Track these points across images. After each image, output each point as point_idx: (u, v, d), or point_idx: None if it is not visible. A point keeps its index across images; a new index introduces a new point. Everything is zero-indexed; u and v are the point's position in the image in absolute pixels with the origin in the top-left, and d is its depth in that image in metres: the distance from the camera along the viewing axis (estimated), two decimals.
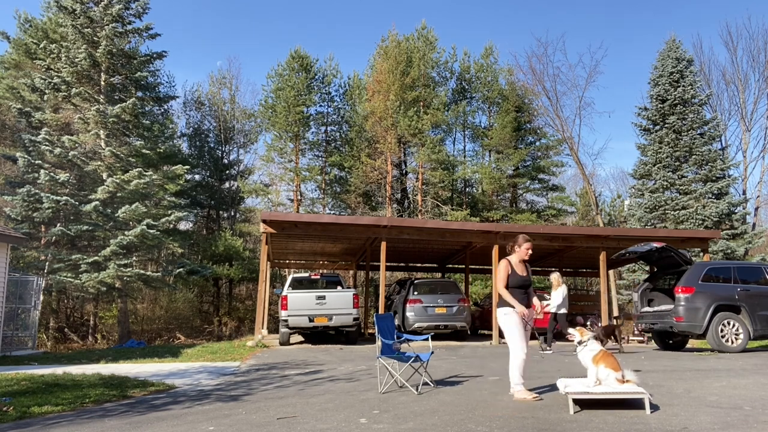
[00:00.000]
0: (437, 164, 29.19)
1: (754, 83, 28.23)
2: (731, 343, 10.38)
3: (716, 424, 4.37)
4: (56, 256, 19.24)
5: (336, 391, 6.69)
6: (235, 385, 7.63)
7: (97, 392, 6.99)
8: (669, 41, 24.84)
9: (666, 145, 23.61)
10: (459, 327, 14.68)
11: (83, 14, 21.10)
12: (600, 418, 4.59)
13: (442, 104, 30.23)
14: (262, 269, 14.71)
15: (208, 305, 30.03)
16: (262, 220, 14.11)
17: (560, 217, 32.74)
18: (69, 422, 5.55)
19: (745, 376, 7.06)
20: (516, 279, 5.79)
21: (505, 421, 4.61)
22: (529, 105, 31.87)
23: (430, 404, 5.51)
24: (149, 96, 24.06)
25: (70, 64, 20.41)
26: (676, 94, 23.61)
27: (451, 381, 7.11)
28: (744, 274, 11.29)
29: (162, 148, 23.39)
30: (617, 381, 5.05)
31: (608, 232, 16.48)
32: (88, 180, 20.42)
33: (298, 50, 31.08)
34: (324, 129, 32.75)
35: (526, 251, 5.90)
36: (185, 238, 26.00)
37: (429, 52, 31.18)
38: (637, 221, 23.85)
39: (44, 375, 8.47)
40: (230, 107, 33.23)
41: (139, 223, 19.38)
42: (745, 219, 24.10)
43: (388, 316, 7.45)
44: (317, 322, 13.40)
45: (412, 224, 16.38)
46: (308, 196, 32.76)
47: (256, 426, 4.91)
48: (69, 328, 22.56)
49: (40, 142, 19.37)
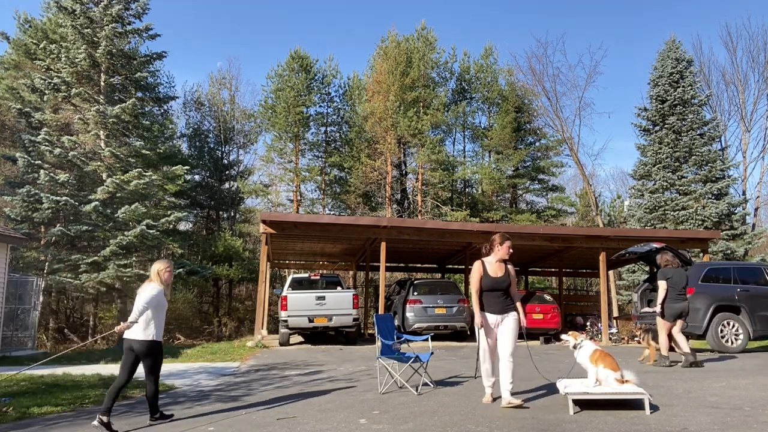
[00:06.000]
0: (437, 165, 29.19)
1: (754, 84, 28.29)
2: (731, 343, 10.38)
3: (716, 424, 4.37)
4: (56, 256, 19.22)
5: (336, 392, 6.69)
6: (235, 385, 7.63)
7: (96, 393, 7.00)
8: (669, 42, 24.87)
9: (666, 145, 23.62)
10: (459, 327, 14.68)
11: (83, 14, 21.09)
12: (600, 419, 4.59)
13: (441, 105, 30.22)
14: (262, 270, 14.71)
15: (207, 306, 30.02)
16: (262, 220, 14.11)
17: (560, 218, 32.73)
18: (69, 422, 5.55)
19: (745, 376, 7.06)
20: (488, 281, 5.47)
21: (504, 422, 4.61)
22: (529, 105, 31.88)
23: (429, 405, 5.51)
24: (149, 96, 24.04)
25: (70, 65, 20.40)
26: (676, 94, 23.62)
27: (450, 381, 7.11)
28: (744, 275, 11.30)
29: (162, 148, 23.36)
30: (617, 381, 5.05)
31: (608, 233, 16.48)
32: (87, 180, 20.41)
33: (297, 51, 31.09)
34: (324, 129, 32.75)
35: (507, 249, 5.54)
36: (185, 238, 25.99)
37: (429, 53, 31.17)
38: (636, 222, 23.86)
39: (44, 375, 8.47)
40: (230, 108, 33.22)
41: (139, 224, 19.36)
42: (744, 219, 24.11)
43: (388, 317, 7.46)
44: (317, 322, 13.40)
45: (411, 225, 16.38)
46: (308, 197, 32.78)
47: (256, 426, 4.91)
48: (69, 329, 22.52)
49: (39, 142, 19.36)
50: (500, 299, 5.47)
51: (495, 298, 5.47)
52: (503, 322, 5.43)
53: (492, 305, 5.46)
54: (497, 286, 5.47)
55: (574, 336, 5.54)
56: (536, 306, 15.65)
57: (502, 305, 5.45)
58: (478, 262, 5.63)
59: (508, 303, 5.49)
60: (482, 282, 5.50)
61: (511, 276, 5.57)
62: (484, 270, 5.53)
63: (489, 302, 5.48)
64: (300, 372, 8.73)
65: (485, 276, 5.50)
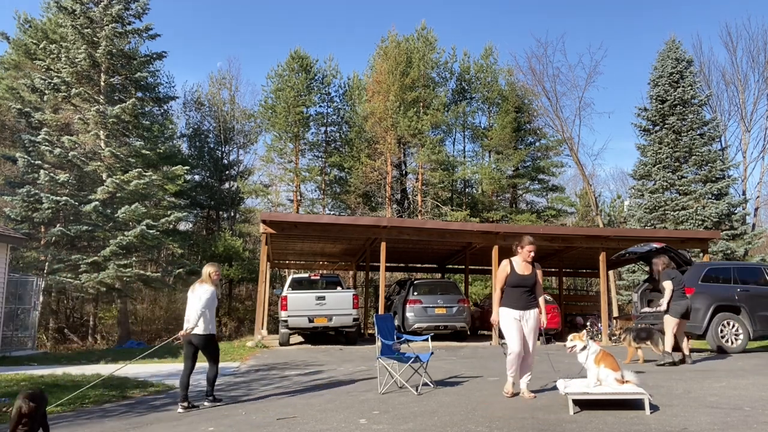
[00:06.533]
0: (437, 165, 29.18)
1: (754, 84, 28.26)
2: (731, 343, 10.37)
3: (716, 424, 4.37)
4: (56, 256, 19.22)
5: (336, 392, 6.69)
6: (235, 385, 7.64)
7: (96, 393, 7.00)
8: (669, 42, 24.86)
9: (666, 145, 23.61)
10: (459, 327, 14.67)
11: (83, 15, 21.10)
12: (600, 419, 4.59)
13: (441, 105, 30.21)
14: (262, 270, 14.70)
15: None
16: (262, 220, 14.10)
17: (560, 218, 32.72)
18: (69, 422, 5.55)
19: (745, 376, 7.06)
20: (514, 278, 5.75)
21: (504, 422, 4.61)
22: (529, 105, 31.87)
23: (429, 405, 5.51)
24: (149, 96, 24.05)
25: (70, 65, 20.40)
26: (676, 94, 23.61)
27: (451, 382, 7.11)
28: (744, 275, 11.28)
29: (162, 148, 23.36)
30: (617, 381, 5.05)
31: (608, 233, 16.46)
32: (87, 180, 20.41)
33: (297, 51, 31.08)
34: (324, 129, 32.74)
35: (528, 253, 5.79)
36: (185, 238, 25.99)
37: (429, 53, 31.17)
38: (636, 222, 23.85)
39: (44, 375, 8.47)
40: (230, 108, 33.22)
41: (139, 224, 19.37)
42: (744, 219, 24.10)
43: (388, 317, 7.46)
44: (317, 322, 13.40)
45: (411, 225, 16.37)
46: (308, 197, 32.76)
47: (256, 426, 4.91)
48: (69, 329, 22.52)
49: (39, 142, 19.36)
50: (524, 296, 5.73)
51: (519, 294, 5.73)
52: (525, 318, 5.68)
53: (515, 301, 5.72)
54: (523, 283, 5.72)
55: (580, 338, 5.42)
56: None
57: (525, 301, 5.72)
58: (506, 260, 5.92)
59: (531, 300, 5.75)
60: (509, 278, 5.78)
61: (538, 276, 5.82)
62: (511, 267, 5.80)
63: (513, 298, 5.74)
64: (300, 372, 8.73)
65: (512, 273, 5.77)
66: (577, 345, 5.39)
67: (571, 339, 5.47)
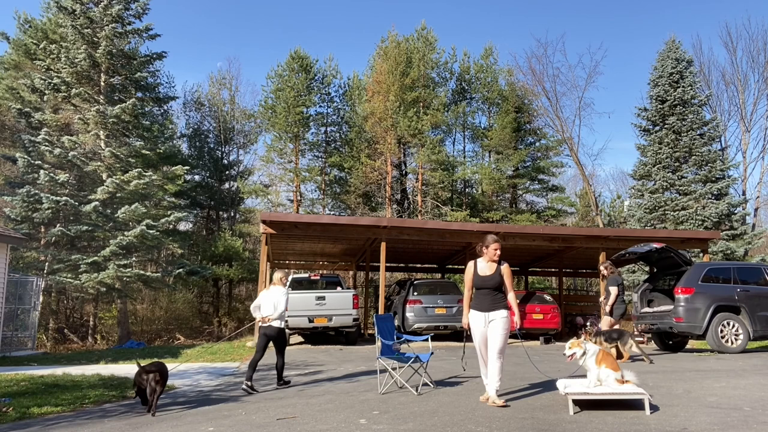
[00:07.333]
0: (437, 165, 29.17)
1: (754, 84, 28.29)
2: (731, 343, 10.37)
3: (716, 424, 4.37)
4: (56, 256, 19.22)
5: (336, 392, 6.69)
6: (235, 385, 7.64)
7: (96, 393, 7.00)
8: (669, 42, 24.86)
9: (666, 145, 23.61)
10: (459, 328, 14.63)
11: (83, 15, 21.08)
12: (599, 419, 4.59)
13: (441, 105, 30.21)
14: (262, 270, 14.71)
15: (207, 306, 30.01)
16: (262, 220, 14.11)
17: (560, 218, 32.72)
18: (68, 423, 5.55)
19: (745, 376, 7.06)
20: (476, 279, 5.57)
21: (504, 422, 4.61)
22: (529, 106, 31.88)
23: (429, 405, 5.51)
24: (149, 96, 24.04)
25: (70, 65, 20.39)
26: (676, 94, 23.62)
27: (450, 382, 7.11)
28: (744, 275, 11.29)
29: (162, 148, 23.35)
30: (617, 381, 5.05)
31: (608, 233, 16.47)
32: (87, 180, 20.41)
33: (297, 51, 31.08)
34: (324, 130, 32.74)
35: (494, 252, 5.54)
36: (185, 238, 25.97)
37: (429, 53, 31.17)
38: (636, 222, 23.85)
39: (44, 376, 8.47)
40: (230, 108, 33.23)
41: (139, 224, 19.36)
42: (744, 220, 24.11)
43: (388, 317, 7.46)
44: (317, 322, 13.40)
45: (411, 225, 16.38)
46: (308, 197, 32.75)
47: (256, 426, 4.91)
48: (69, 329, 22.51)
49: (39, 142, 19.35)
50: (488, 297, 5.50)
51: (482, 296, 5.53)
52: (491, 321, 5.43)
53: (479, 303, 5.53)
54: (485, 284, 5.52)
55: (579, 345, 5.35)
56: (536, 306, 15.63)
57: (489, 303, 5.48)
58: (471, 262, 5.76)
59: (497, 301, 5.48)
60: (473, 281, 5.62)
61: (504, 275, 5.55)
62: (475, 269, 5.64)
63: (477, 300, 5.57)
64: (300, 372, 8.73)
65: (475, 274, 5.61)
66: (577, 352, 5.33)
67: (570, 347, 5.38)
